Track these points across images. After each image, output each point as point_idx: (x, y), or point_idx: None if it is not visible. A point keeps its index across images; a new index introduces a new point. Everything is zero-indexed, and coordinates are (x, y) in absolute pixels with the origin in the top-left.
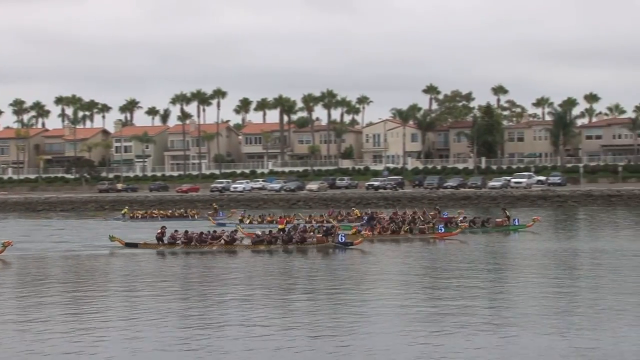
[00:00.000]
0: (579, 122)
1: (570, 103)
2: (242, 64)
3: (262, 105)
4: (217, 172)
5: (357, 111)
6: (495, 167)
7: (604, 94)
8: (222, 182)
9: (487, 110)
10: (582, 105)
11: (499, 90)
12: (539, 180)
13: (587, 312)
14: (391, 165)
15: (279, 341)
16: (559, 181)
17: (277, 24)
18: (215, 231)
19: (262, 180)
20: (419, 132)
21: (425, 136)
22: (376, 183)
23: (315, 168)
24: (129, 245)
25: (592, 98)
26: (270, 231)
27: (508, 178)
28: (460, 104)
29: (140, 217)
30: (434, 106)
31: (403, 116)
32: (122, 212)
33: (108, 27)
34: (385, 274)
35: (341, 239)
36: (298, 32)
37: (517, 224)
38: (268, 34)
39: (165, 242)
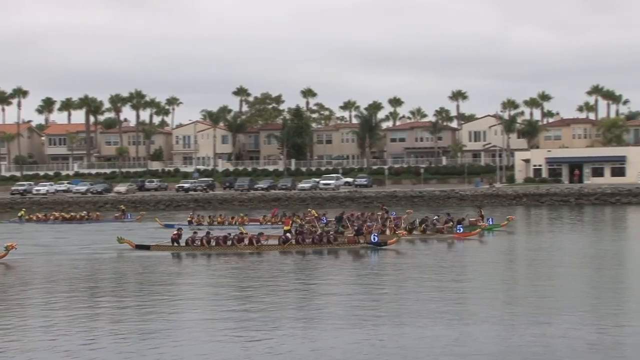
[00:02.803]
0: (384, 125)
1: (375, 107)
2: (46, 62)
3: (67, 106)
4: (18, 174)
5: (166, 112)
6: (304, 169)
7: (407, 98)
8: (23, 185)
9: (297, 112)
10: (387, 109)
11: (308, 93)
12: (346, 182)
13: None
14: (202, 167)
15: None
16: (365, 183)
17: (85, 22)
18: (241, 233)
19: (67, 183)
20: (229, 134)
21: (235, 138)
22: (186, 185)
23: (124, 170)
24: (140, 247)
25: (396, 102)
26: (298, 231)
27: (317, 180)
28: (270, 106)
29: (38, 219)
30: (244, 108)
31: (213, 118)
32: (19, 214)
33: None
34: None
35: (374, 239)
36: (107, 31)
37: (491, 223)
38: (74, 32)
39: (182, 244)
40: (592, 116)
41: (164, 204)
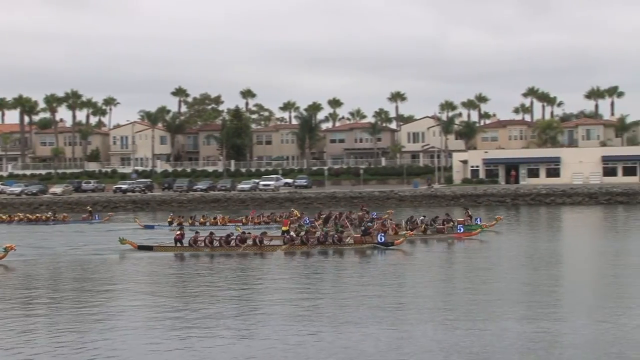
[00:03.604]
0: (324, 126)
1: (315, 108)
2: None
3: (1, 105)
4: None
5: (103, 113)
6: (244, 169)
7: (346, 99)
8: None
9: (236, 113)
10: (327, 110)
11: (248, 93)
12: (286, 183)
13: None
14: (140, 168)
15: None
16: (305, 184)
17: (20, 20)
18: (244, 232)
19: (1, 184)
20: (168, 134)
21: (174, 139)
22: (124, 186)
23: (60, 171)
24: (142, 248)
25: (335, 103)
26: (306, 231)
27: (257, 181)
28: (209, 107)
29: (1, 220)
30: (183, 109)
31: (152, 118)
32: None
33: None
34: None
35: (380, 239)
36: (43, 30)
37: (478, 223)
38: (9, 30)
39: (185, 244)
40: (527, 118)
41: (101, 205)
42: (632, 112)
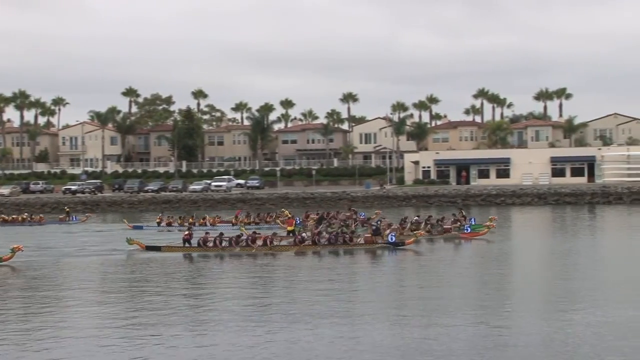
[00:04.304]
0: (276, 127)
1: (267, 108)
2: None
3: None
4: None
5: (52, 113)
6: (196, 170)
7: (298, 100)
8: None
9: (188, 114)
10: (279, 111)
11: (199, 94)
12: (238, 184)
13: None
14: (90, 169)
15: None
16: (257, 184)
17: None
18: (255, 232)
19: None
20: (118, 135)
21: (125, 139)
22: (74, 187)
23: (7, 172)
24: (150, 248)
25: (287, 104)
26: (319, 232)
27: (208, 181)
28: (160, 107)
29: None
30: (134, 109)
31: (102, 119)
32: None
33: None
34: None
35: (391, 238)
36: None
37: (473, 223)
38: None
39: (194, 244)
40: (478, 119)
41: (49, 206)
42: (579, 113)
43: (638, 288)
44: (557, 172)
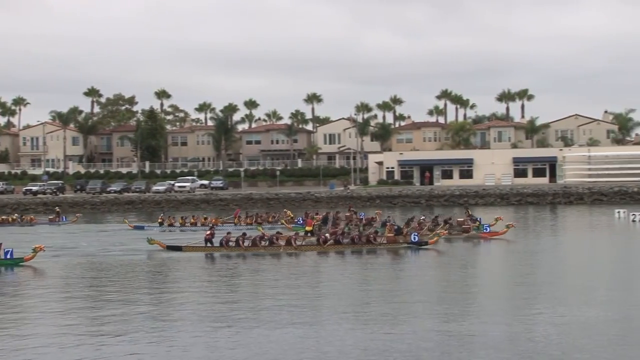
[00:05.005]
0: (240, 127)
1: (231, 109)
2: None
3: None
4: None
5: (13, 113)
6: (159, 171)
7: (262, 100)
8: None
9: (151, 114)
10: (243, 111)
11: (162, 94)
12: (202, 184)
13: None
14: (51, 170)
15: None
16: (221, 185)
17: None
18: (278, 232)
19: None
20: (80, 135)
21: (87, 140)
22: (35, 188)
23: None
24: (171, 248)
25: (251, 104)
26: (344, 231)
27: (172, 182)
28: (123, 107)
29: None
30: (96, 109)
31: (63, 119)
32: None
33: None
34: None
35: (414, 238)
36: None
37: (480, 223)
38: None
39: (216, 244)
40: (441, 120)
41: (10, 207)
42: (541, 114)
43: (600, 287)
44: (519, 173)
